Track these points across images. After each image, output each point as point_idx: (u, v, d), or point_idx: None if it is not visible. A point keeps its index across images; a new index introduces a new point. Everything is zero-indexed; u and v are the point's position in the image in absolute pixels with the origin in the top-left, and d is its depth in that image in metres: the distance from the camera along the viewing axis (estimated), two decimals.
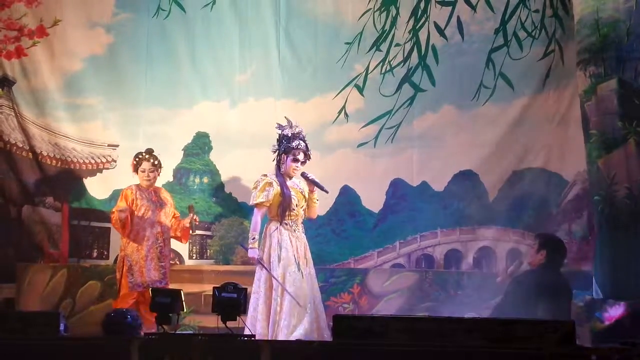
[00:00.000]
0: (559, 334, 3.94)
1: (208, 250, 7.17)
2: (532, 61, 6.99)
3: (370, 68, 7.13)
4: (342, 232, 7.15)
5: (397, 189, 7.12)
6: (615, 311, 6.27)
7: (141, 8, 7.31)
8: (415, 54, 7.09)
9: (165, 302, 4.84)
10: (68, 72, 7.27)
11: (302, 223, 6.00)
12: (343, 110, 7.14)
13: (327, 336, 5.67)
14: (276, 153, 6.00)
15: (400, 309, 6.77)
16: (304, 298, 5.71)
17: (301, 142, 5.95)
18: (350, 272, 6.95)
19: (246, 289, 4.86)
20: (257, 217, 5.90)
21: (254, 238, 5.85)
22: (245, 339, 4.61)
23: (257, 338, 5.16)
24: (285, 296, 5.65)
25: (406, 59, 7.11)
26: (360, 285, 6.86)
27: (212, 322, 5.54)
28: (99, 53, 7.30)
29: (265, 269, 5.74)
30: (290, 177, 6.00)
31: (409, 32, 7.12)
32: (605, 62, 6.57)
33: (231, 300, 4.70)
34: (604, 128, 6.55)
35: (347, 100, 7.14)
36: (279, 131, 6.01)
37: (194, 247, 7.24)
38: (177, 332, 5.16)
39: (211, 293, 4.83)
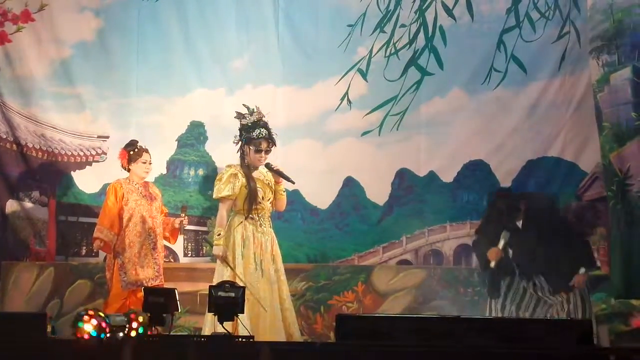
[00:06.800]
0: (577, 334, 3.83)
1: (204, 247, 7.03)
2: (546, 43, 6.90)
3: (374, 51, 6.98)
4: (345, 227, 7.05)
5: (403, 179, 7.01)
6: None
7: None
8: (421, 35, 6.96)
9: (159, 301, 4.65)
10: (55, 59, 7.12)
11: (269, 217, 5.84)
12: (346, 97, 7.00)
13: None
14: (239, 144, 5.83)
15: (407, 308, 6.66)
16: (263, 300, 5.56)
17: (262, 130, 5.76)
18: (354, 269, 6.84)
19: (244, 287, 4.70)
20: (222, 211, 5.76)
21: (219, 234, 5.70)
22: (244, 340, 4.45)
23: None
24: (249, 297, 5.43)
25: (412, 40, 6.96)
26: (365, 283, 6.74)
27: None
28: (88, 39, 7.15)
29: (230, 267, 5.59)
30: (256, 168, 5.83)
31: (415, 12, 6.98)
32: (619, 50, 6.55)
33: (228, 300, 4.50)
34: (617, 120, 6.52)
35: (349, 85, 6.99)
36: (239, 120, 5.84)
37: (189, 244, 7.11)
38: (172, 333, 4.99)
39: (207, 292, 4.65)
